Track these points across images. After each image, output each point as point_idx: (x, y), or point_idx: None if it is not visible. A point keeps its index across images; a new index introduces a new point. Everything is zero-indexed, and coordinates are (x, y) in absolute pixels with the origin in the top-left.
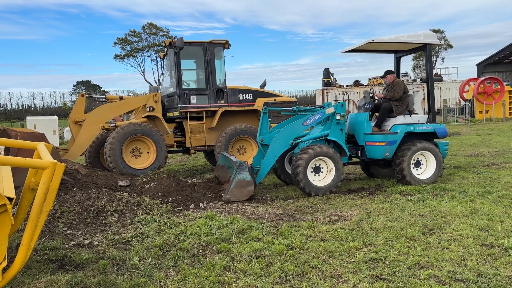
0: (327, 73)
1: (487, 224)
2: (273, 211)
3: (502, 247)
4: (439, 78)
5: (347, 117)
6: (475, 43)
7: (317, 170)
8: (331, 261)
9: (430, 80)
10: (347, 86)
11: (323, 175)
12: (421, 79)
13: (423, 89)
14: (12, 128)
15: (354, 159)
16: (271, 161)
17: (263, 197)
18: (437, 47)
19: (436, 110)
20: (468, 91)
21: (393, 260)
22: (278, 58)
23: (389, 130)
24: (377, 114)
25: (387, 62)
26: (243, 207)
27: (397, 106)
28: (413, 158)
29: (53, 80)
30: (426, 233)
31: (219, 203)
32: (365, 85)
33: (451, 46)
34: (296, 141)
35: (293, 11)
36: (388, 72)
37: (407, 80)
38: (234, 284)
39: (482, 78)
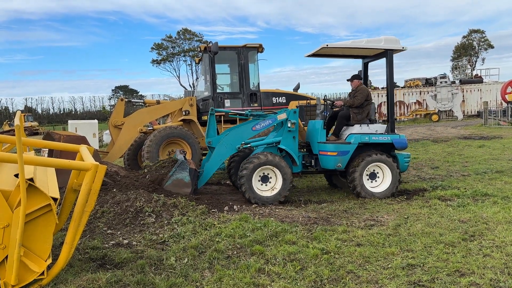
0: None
1: None
2: (307, 215)
3: None
4: (479, 80)
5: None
6: None
7: (264, 179)
8: (367, 267)
9: (390, 87)
10: (382, 88)
11: (271, 185)
12: (460, 81)
13: (462, 91)
14: (55, 132)
15: (311, 169)
16: (216, 164)
17: (297, 201)
18: (477, 48)
19: (476, 113)
20: (510, 93)
21: (431, 266)
22: (311, 61)
23: (345, 139)
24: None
25: (423, 63)
26: (277, 210)
27: (355, 113)
28: (367, 170)
29: (93, 85)
30: (466, 240)
31: (253, 206)
32: (401, 87)
33: (492, 46)
34: (244, 146)
35: (326, 13)
36: (355, 77)
37: (446, 82)
38: (268, 287)
39: None
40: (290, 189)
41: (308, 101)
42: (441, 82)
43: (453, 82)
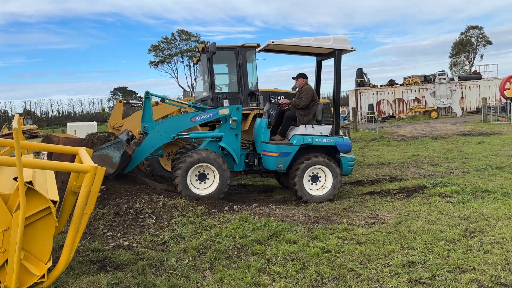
0: (360, 73)
1: None
2: (307, 214)
3: None
4: (478, 76)
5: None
6: None
7: (202, 177)
8: (368, 265)
9: (337, 87)
10: (381, 86)
11: (210, 182)
12: (459, 77)
13: (461, 88)
14: (54, 134)
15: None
16: (147, 151)
17: (297, 200)
18: (475, 44)
19: (475, 109)
20: (509, 89)
21: (432, 263)
22: (309, 60)
23: (289, 140)
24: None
25: (421, 61)
26: (277, 210)
27: (302, 115)
28: (309, 172)
29: (92, 87)
30: (467, 236)
31: (253, 205)
32: (400, 85)
33: (490, 43)
34: (179, 136)
35: (324, 12)
36: (300, 75)
37: (444, 79)
38: (269, 286)
39: None
40: (228, 187)
41: None
42: (439, 79)
43: (452, 79)
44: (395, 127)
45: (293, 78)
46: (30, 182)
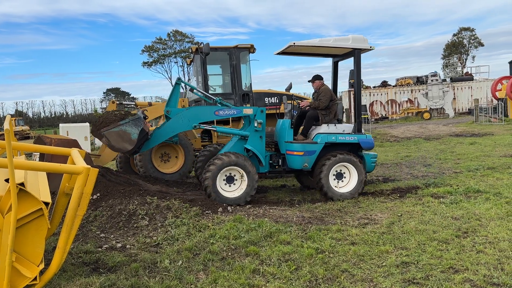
0: (353, 74)
1: None
2: (301, 215)
3: None
4: (470, 77)
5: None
6: (507, 40)
7: (230, 180)
8: (361, 265)
9: (358, 87)
10: (374, 87)
11: (237, 185)
12: (451, 79)
13: (453, 89)
14: (46, 135)
15: (279, 168)
16: (166, 135)
17: (291, 200)
18: (467, 45)
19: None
20: (500, 90)
21: (426, 263)
22: (303, 61)
23: (312, 139)
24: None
25: (414, 62)
26: (271, 211)
27: (323, 115)
28: (334, 170)
29: (84, 88)
30: (459, 236)
31: (247, 206)
32: (393, 86)
33: (482, 44)
34: (201, 126)
35: (317, 13)
36: (315, 78)
37: (437, 80)
38: (263, 287)
39: None
40: (256, 190)
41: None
42: (432, 80)
43: (444, 80)
44: (388, 128)
45: (308, 81)
46: (22, 184)
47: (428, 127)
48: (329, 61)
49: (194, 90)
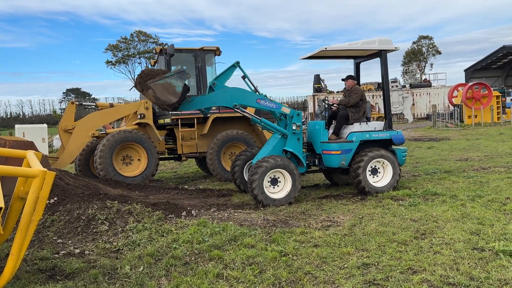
0: (317, 79)
1: (478, 228)
2: (265, 218)
3: (493, 250)
4: (428, 84)
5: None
6: (463, 49)
7: (274, 182)
8: (324, 267)
9: (386, 86)
10: (337, 92)
11: (281, 186)
12: (410, 85)
13: (413, 95)
14: (1, 137)
15: (314, 167)
16: (206, 103)
17: (256, 204)
18: (425, 53)
19: (425, 116)
20: (456, 96)
21: (385, 265)
22: (269, 64)
23: (346, 138)
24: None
25: (375, 68)
26: (236, 214)
27: (353, 113)
28: (369, 166)
29: (43, 88)
30: (418, 238)
31: (211, 210)
32: None
33: (439, 52)
34: (236, 108)
35: (281, 18)
36: (349, 77)
37: (397, 86)
38: None
39: (470, 84)
40: (298, 192)
41: None
42: (392, 87)
43: (404, 86)
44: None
45: (342, 80)
46: None
47: None
48: (294, 67)
49: (246, 79)
